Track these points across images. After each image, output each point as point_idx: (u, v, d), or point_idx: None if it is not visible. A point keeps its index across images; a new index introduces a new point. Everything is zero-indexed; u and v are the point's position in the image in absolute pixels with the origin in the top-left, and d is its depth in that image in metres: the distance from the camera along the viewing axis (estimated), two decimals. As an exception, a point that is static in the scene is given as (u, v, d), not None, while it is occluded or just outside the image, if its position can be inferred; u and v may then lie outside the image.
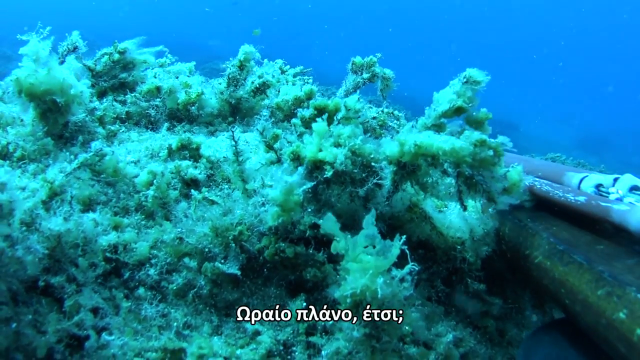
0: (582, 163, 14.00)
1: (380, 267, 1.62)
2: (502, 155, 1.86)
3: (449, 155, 1.79)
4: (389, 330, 1.73)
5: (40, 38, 2.34)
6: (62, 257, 1.90)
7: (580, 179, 2.30)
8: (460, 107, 1.92)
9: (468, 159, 1.79)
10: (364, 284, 1.62)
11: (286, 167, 1.97)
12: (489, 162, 1.83)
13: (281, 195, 1.88)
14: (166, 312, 1.94)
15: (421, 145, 1.81)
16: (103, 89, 3.23)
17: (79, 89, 2.42)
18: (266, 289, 2.05)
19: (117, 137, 2.84)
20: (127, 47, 3.17)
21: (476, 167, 1.85)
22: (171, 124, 3.09)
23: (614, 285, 1.64)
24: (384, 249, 1.67)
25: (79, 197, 2.10)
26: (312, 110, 2.18)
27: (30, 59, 2.27)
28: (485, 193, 1.89)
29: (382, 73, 3.70)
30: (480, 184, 1.88)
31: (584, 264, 1.83)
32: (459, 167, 1.86)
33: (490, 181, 1.88)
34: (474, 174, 1.86)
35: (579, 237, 2.03)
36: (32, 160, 2.34)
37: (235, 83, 3.20)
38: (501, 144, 1.85)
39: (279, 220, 1.92)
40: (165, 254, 2.03)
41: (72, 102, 2.43)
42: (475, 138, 1.81)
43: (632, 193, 2.06)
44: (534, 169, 2.53)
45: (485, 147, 1.81)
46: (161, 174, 2.24)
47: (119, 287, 1.98)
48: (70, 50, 2.99)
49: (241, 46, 3.12)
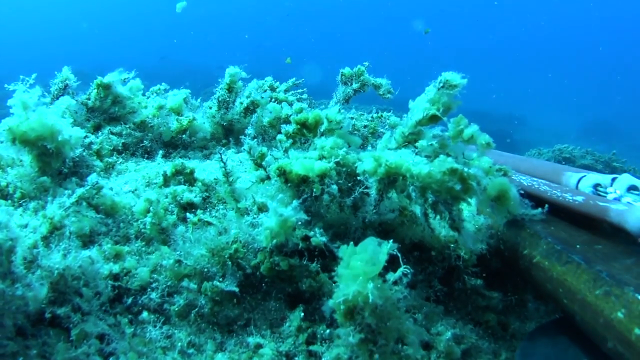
0: (590, 152, 13.91)
1: (369, 272, 1.67)
2: (470, 190, 1.87)
3: (415, 179, 1.81)
4: (385, 334, 1.77)
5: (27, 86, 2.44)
6: (66, 288, 1.97)
7: (578, 178, 2.32)
8: (434, 115, 1.96)
9: (434, 186, 1.81)
10: (356, 290, 1.66)
11: (281, 197, 2.02)
12: (455, 194, 1.85)
13: (277, 227, 1.94)
14: (170, 333, 2.00)
15: (391, 166, 1.84)
16: (98, 123, 3.31)
17: (68, 134, 2.50)
18: (266, 303, 2.10)
19: (115, 169, 2.92)
20: (112, 80, 3.24)
21: (442, 195, 1.87)
22: (166, 151, 3.17)
23: (612, 285, 1.67)
24: (374, 255, 1.71)
25: (79, 230, 2.17)
26: (294, 125, 2.24)
27: (19, 108, 2.36)
28: (450, 220, 1.92)
29: (372, 81, 3.75)
30: (442, 212, 1.91)
31: (582, 263, 1.85)
32: (425, 192, 1.88)
33: (455, 211, 1.90)
34: (439, 201, 1.88)
35: (577, 236, 2.05)
36: (32, 198, 2.42)
37: (225, 106, 3.28)
38: (475, 176, 1.85)
39: (272, 242, 1.98)
40: (165, 277, 2.09)
41: (63, 147, 2.51)
42: (447, 167, 1.82)
43: (630, 193, 2.09)
44: (533, 169, 2.55)
45: (455, 178, 1.82)
46: (157, 200, 2.31)
47: (123, 313, 2.04)
48: (62, 89, 3.08)
49: (226, 69, 3.20)
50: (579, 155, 13.75)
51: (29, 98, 2.41)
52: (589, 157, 13.62)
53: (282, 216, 1.93)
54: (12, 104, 2.39)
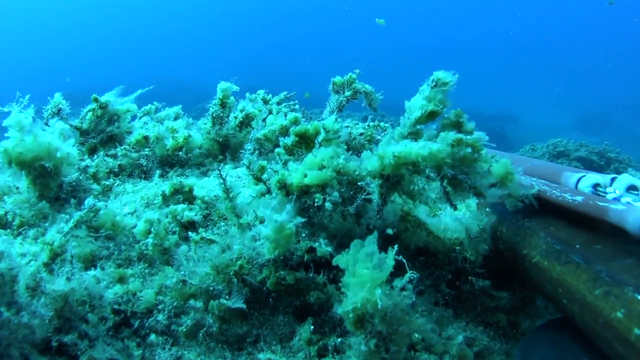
0: (584, 144, 13.98)
1: (377, 279, 1.66)
2: (481, 150, 1.89)
3: (428, 160, 1.82)
4: (396, 340, 1.75)
5: (20, 107, 2.42)
6: (71, 315, 1.95)
7: (578, 178, 2.32)
8: (432, 111, 1.96)
9: (448, 160, 1.82)
10: (364, 297, 1.65)
11: (275, 205, 2.01)
12: (469, 160, 1.86)
13: (273, 234, 1.93)
14: (179, 354, 1.97)
15: (400, 156, 1.85)
16: (93, 145, 3.30)
17: (65, 150, 2.49)
18: (274, 318, 2.08)
19: (113, 191, 2.90)
20: (108, 100, 3.23)
21: (457, 167, 1.88)
22: (163, 171, 3.15)
23: (611, 285, 1.66)
24: (380, 262, 1.70)
25: (80, 255, 2.15)
26: (293, 138, 2.23)
27: (14, 129, 2.34)
28: (472, 189, 1.92)
29: (363, 88, 3.75)
30: (464, 182, 1.91)
31: (582, 263, 1.84)
32: (440, 169, 1.89)
33: (475, 177, 1.91)
34: (457, 174, 1.89)
35: (576, 236, 2.04)
36: (31, 225, 2.40)
37: (220, 121, 3.27)
38: (479, 139, 1.88)
39: (275, 253, 1.96)
40: (171, 298, 2.07)
41: (61, 164, 2.49)
42: (452, 138, 1.85)
43: (629, 193, 2.08)
44: (532, 169, 2.55)
45: (463, 146, 1.85)
46: (157, 221, 2.29)
47: (131, 337, 2.02)
48: (55, 113, 3.07)
49: (218, 84, 3.19)
50: (573, 149, 13.82)
51: (24, 119, 2.39)
52: (583, 150, 13.70)
53: (276, 222, 1.91)
54: (8, 125, 2.38)
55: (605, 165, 13.16)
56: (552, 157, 13.60)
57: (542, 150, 14.19)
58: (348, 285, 1.69)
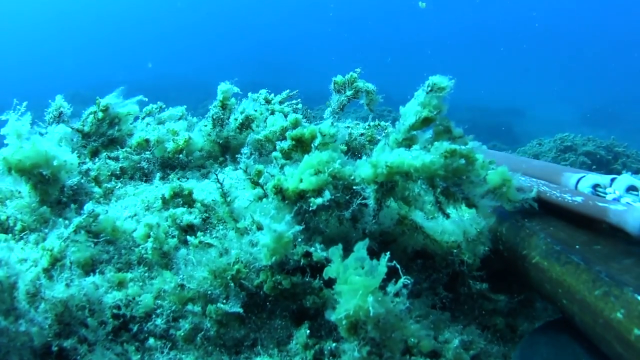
0: (591, 138, 13.90)
1: (369, 286, 1.66)
2: (475, 161, 1.89)
3: (421, 171, 1.82)
4: (390, 346, 1.76)
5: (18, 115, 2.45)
6: (70, 320, 1.97)
7: (578, 179, 2.32)
8: (427, 117, 1.96)
9: (440, 172, 1.82)
10: (356, 304, 1.66)
11: (273, 211, 2.02)
12: (463, 171, 1.86)
13: (272, 243, 1.94)
14: (178, 358, 2.00)
15: (392, 165, 1.84)
16: (95, 148, 3.32)
17: (63, 158, 2.51)
18: (271, 322, 2.10)
19: (114, 194, 2.92)
20: (108, 102, 3.25)
21: (450, 178, 1.87)
22: (164, 173, 3.17)
23: (611, 285, 1.66)
24: (372, 268, 1.71)
25: (80, 260, 2.17)
26: (290, 142, 2.24)
27: (13, 137, 2.37)
28: (465, 200, 1.92)
29: (365, 87, 3.74)
30: (457, 194, 1.91)
31: (582, 264, 1.84)
32: (433, 181, 1.89)
33: (468, 188, 1.91)
34: (449, 185, 1.89)
35: (576, 237, 2.04)
36: (32, 230, 2.43)
37: (220, 123, 3.28)
38: (473, 150, 1.88)
39: (272, 260, 1.98)
40: (169, 302, 2.09)
41: (59, 172, 2.52)
42: (445, 149, 1.84)
43: (629, 193, 2.08)
44: (531, 170, 2.54)
45: (457, 157, 1.84)
46: (157, 225, 2.31)
47: (130, 341, 2.04)
48: (56, 117, 3.09)
49: (218, 86, 3.21)
50: (580, 143, 13.75)
51: (22, 126, 2.42)
52: (591, 144, 13.63)
53: (276, 232, 1.93)
54: (6, 133, 2.41)
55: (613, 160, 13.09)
56: (559, 152, 13.54)
57: (549, 145, 14.12)
58: (341, 293, 1.70)
